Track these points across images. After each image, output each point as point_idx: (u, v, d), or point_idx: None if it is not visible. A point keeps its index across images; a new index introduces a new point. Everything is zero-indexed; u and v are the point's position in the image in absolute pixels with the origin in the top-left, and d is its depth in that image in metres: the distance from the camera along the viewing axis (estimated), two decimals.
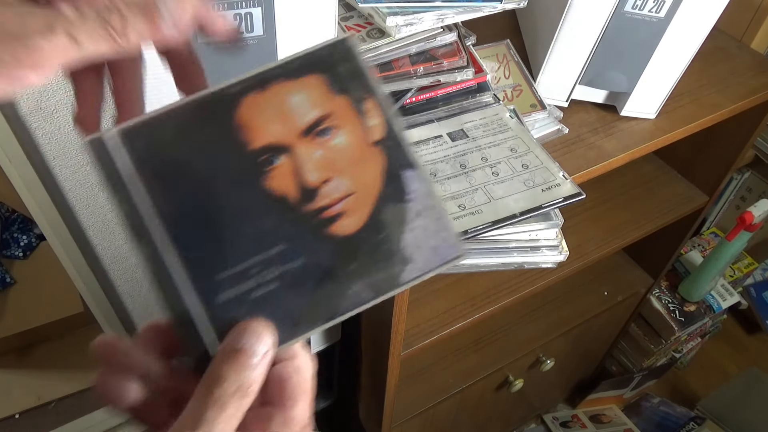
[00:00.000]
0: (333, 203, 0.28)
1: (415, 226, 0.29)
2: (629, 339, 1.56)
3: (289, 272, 0.27)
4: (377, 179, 0.29)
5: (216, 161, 0.27)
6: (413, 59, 0.65)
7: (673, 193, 1.08)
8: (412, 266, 0.28)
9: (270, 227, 0.27)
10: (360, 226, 0.28)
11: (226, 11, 0.43)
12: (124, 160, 0.28)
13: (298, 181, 0.27)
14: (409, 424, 1.07)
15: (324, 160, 0.28)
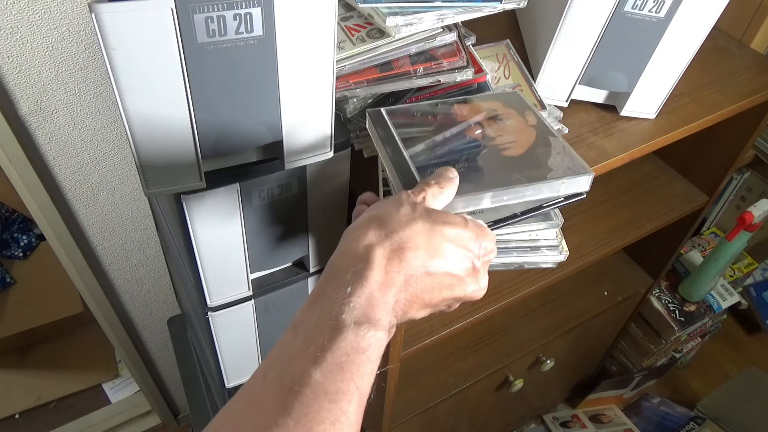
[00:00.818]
0: (503, 143, 0.56)
1: (555, 157, 0.54)
2: (629, 339, 1.56)
3: (474, 165, 0.53)
4: (531, 138, 0.56)
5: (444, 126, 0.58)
6: (413, 59, 0.65)
7: (673, 193, 1.08)
8: (552, 173, 0.52)
9: (465, 149, 0.55)
10: (520, 153, 0.54)
11: (226, 11, 0.43)
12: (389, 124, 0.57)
13: (484, 135, 0.57)
14: (409, 424, 1.07)
15: (498, 128, 0.58)
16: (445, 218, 0.43)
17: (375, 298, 0.38)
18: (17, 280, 1.76)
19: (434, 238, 0.41)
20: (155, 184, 0.52)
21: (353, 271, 0.39)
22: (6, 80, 0.81)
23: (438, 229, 0.42)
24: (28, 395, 1.66)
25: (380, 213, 0.43)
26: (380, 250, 0.40)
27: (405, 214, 0.42)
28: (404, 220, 0.41)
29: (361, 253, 0.40)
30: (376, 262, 0.39)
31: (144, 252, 1.18)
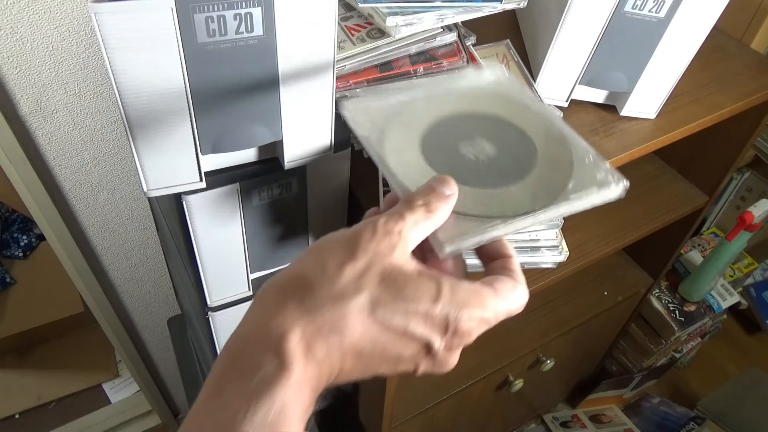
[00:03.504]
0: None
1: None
2: (629, 339, 1.56)
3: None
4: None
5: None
6: (413, 59, 0.65)
7: (673, 193, 1.08)
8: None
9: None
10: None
11: (227, 11, 0.43)
12: None
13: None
14: (409, 424, 1.07)
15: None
16: (403, 291, 0.32)
17: (287, 408, 0.30)
18: (17, 280, 1.76)
19: (376, 321, 0.32)
20: (155, 184, 0.52)
21: (261, 377, 0.30)
22: (6, 80, 0.81)
23: (386, 310, 0.32)
24: (28, 395, 1.66)
25: (309, 270, 0.33)
26: (297, 333, 0.31)
27: (347, 279, 0.32)
28: (344, 287, 0.32)
29: (273, 341, 0.31)
30: (292, 359, 0.30)
31: (144, 252, 1.18)
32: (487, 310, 0.34)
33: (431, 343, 0.33)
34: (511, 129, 0.48)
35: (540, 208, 0.40)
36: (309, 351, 0.31)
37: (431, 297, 0.32)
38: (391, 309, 0.32)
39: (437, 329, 0.33)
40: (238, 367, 0.31)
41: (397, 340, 0.33)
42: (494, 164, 0.45)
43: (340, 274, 0.32)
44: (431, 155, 0.45)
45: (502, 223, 0.40)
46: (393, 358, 0.33)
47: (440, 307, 0.32)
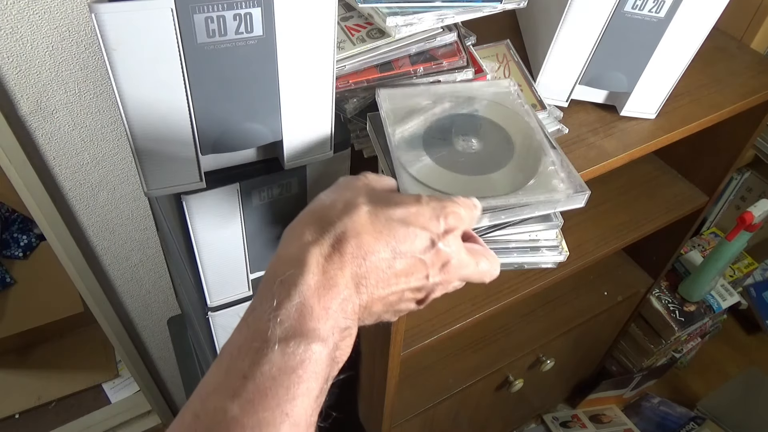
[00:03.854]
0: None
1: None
2: (629, 339, 1.56)
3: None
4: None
5: None
6: (413, 59, 0.65)
7: (673, 193, 1.08)
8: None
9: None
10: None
11: (226, 11, 0.43)
12: None
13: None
14: (409, 424, 1.07)
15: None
16: (391, 198, 0.39)
17: (308, 307, 0.34)
18: (17, 280, 1.76)
19: (379, 220, 0.37)
20: (155, 184, 0.52)
21: (281, 280, 0.34)
22: (6, 80, 0.81)
23: (384, 210, 0.38)
24: (28, 395, 1.66)
25: (317, 206, 0.39)
26: (316, 248, 0.35)
27: (344, 201, 0.38)
28: (343, 207, 0.37)
29: (294, 256, 0.36)
30: (310, 265, 0.35)
31: (144, 252, 1.18)
32: (461, 206, 0.40)
33: (431, 236, 0.38)
34: (500, 132, 0.59)
35: (494, 197, 0.51)
36: (327, 261, 0.35)
37: (415, 198, 0.39)
38: (388, 208, 0.38)
39: (432, 221, 0.38)
40: (264, 288, 0.36)
41: (406, 233, 0.37)
42: (475, 156, 0.56)
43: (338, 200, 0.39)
44: (428, 140, 0.56)
45: None
46: (407, 257, 0.37)
47: (425, 204, 0.39)
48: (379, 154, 0.60)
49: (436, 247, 0.38)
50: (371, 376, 0.91)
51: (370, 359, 0.90)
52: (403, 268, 0.37)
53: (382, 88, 0.61)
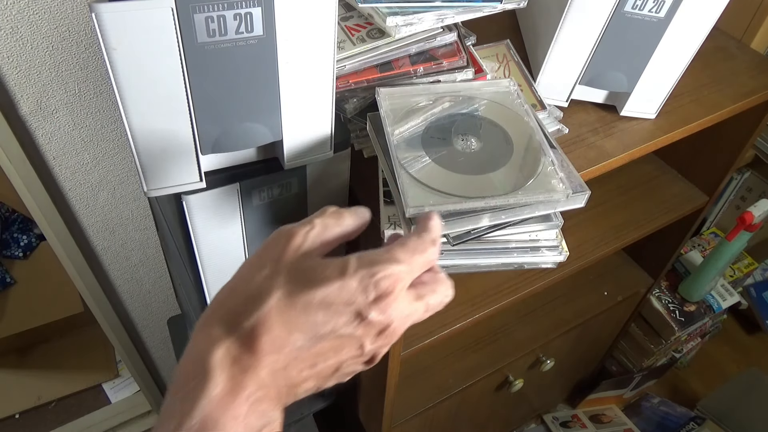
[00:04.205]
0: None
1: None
2: (629, 339, 1.56)
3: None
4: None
5: None
6: (413, 59, 0.65)
7: (673, 193, 1.08)
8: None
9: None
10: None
11: (227, 11, 0.43)
12: None
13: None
14: (409, 424, 1.07)
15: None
16: (314, 272, 0.35)
17: (212, 421, 0.31)
18: (17, 280, 1.76)
19: (294, 308, 0.33)
20: (155, 184, 0.52)
21: (181, 396, 0.32)
22: (6, 80, 0.81)
23: (301, 293, 0.34)
24: (28, 395, 1.66)
25: (228, 294, 0.35)
26: (221, 351, 0.32)
27: (257, 286, 0.34)
28: (255, 296, 0.34)
29: (199, 361, 0.32)
30: (214, 373, 0.31)
31: (144, 252, 1.18)
32: (400, 262, 0.36)
33: (359, 309, 0.34)
34: (500, 132, 0.59)
35: (493, 196, 0.51)
36: (236, 364, 0.32)
37: (340, 270, 0.35)
38: (307, 291, 0.34)
39: (359, 294, 0.34)
40: (171, 395, 0.33)
41: (326, 316, 0.34)
42: (474, 156, 0.56)
43: (252, 282, 0.35)
44: (428, 140, 0.57)
45: (459, 201, 0.51)
46: (331, 338, 0.34)
47: (351, 274, 0.34)
48: (379, 154, 0.60)
49: (366, 320, 0.34)
50: (371, 376, 0.91)
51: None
52: (331, 348, 0.35)
53: (382, 88, 0.61)
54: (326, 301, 0.34)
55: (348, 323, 0.34)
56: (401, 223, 0.55)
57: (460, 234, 0.55)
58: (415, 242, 0.38)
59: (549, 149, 0.56)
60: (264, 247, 0.37)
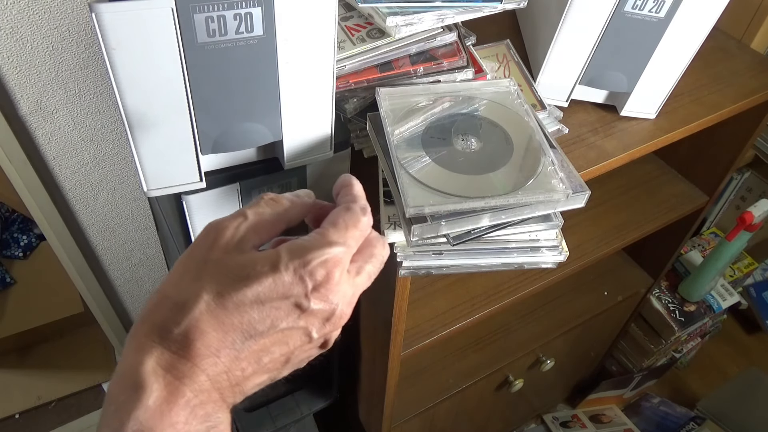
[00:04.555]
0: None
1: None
2: (629, 339, 1.56)
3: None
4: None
5: None
6: (413, 59, 0.65)
7: (673, 193, 1.08)
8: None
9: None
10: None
11: (227, 11, 0.43)
12: None
13: None
14: (409, 424, 1.07)
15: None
16: (244, 269, 0.32)
17: (149, 428, 0.29)
18: (17, 280, 1.76)
19: (226, 309, 0.31)
20: (155, 184, 0.52)
21: (114, 409, 0.30)
22: (6, 80, 0.81)
23: (232, 293, 0.32)
24: (28, 395, 1.66)
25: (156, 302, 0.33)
26: (153, 361, 0.31)
27: (186, 289, 0.32)
28: (183, 301, 0.32)
29: (130, 373, 0.31)
30: (147, 383, 0.30)
31: (144, 252, 1.18)
32: (334, 244, 0.34)
33: (297, 302, 0.33)
34: (500, 132, 0.59)
35: (493, 196, 0.51)
36: (170, 372, 0.31)
37: (271, 263, 0.33)
38: (237, 290, 0.32)
39: (295, 286, 0.32)
40: (104, 410, 0.31)
41: (262, 313, 0.32)
42: (474, 156, 0.56)
43: (180, 288, 0.33)
44: (428, 140, 0.57)
45: (459, 201, 0.51)
46: (272, 333, 0.33)
47: (284, 267, 0.32)
48: (379, 154, 0.60)
49: (307, 311, 0.33)
50: (371, 376, 0.91)
51: (370, 359, 0.90)
52: (274, 342, 0.33)
53: (382, 88, 0.61)
54: (260, 298, 0.32)
55: (287, 316, 0.33)
56: (401, 223, 0.55)
57: (460, 234, 0.55)
58: (345, 217, 0.36)
59: (549, 149, 0.56)
60: (194, 245, 0.35)
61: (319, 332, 0.34)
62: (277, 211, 0.37)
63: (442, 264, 0.62)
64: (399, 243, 0.59)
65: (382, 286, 0.67)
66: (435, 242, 0.58)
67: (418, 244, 0.58)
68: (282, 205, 0.37)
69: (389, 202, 0.59)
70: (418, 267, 0.61)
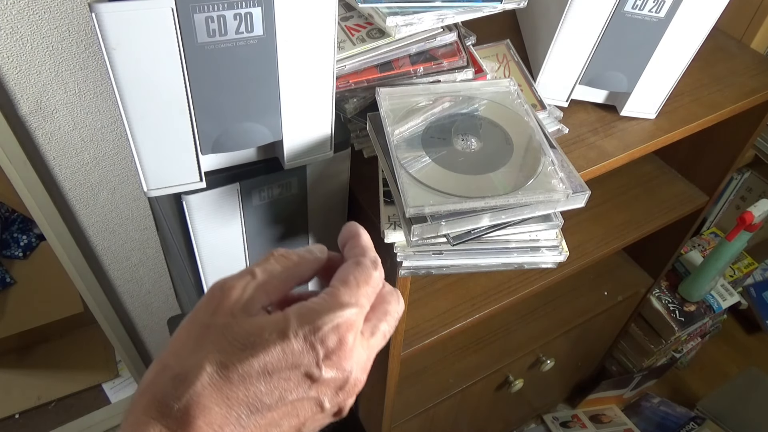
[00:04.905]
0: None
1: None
2: (629, 339, 1.56)
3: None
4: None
5: None
6: (413, 59, 0.65)
7: (673, 193, 1.08)
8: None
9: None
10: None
11: (227, 11, 0.43)
12: None
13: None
14: (409, 424, 1.07)
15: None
16: (250, 337, 0.30)
17: None
18: (17, 280, 1.76)
19: (231, 382, 0.29)
20: (155, 184, 0.52)
21: None
22: (6, 80, 0.81)
23: (238, 363, 0.29)
24: (28, 395, 1.65)
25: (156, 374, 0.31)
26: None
27: (187, 359, 0.30)
28: (186, 373, 0.29)
29: None
30: None
31: (144, 252, 1.18)
32: (346, 306, 0.32)
33: (308, 372, 0.30)
34: (500, 132, 0.59)
35: (493, 196, 0.51)
36: None
37: (279, 331, 0.30)
38: (243, 360, 0.29)
39: (305, 355, 0.30)
40: None
41: (270, 385, 0.30)
42: (474, 156, 0.56)
43: (181, 358, 0.30)
44: (428, 140, 0.57)
45: (459, 201, 0.51)
46: (281, 405, 0.30)
47: (293, 335, 0.30)
48: (379, 154, 0.60)
49: (319, 380, 0.31)
50: (371, 376, 0.91)
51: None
52: (283, 415, 0.31)
53: (382, 88, 0.61)
54: (267, 369, 0.29)
55: (297, 387, 0.30)
56: (401, 223, 0.55)
57: (460, 234, 0.55)
58: (356, 273, 0.34)
59: (549, 149, 0.56)
60: (198, 307, 0.32)
61: (332, 402, 0.32)
62: (287, 268, 0.35)
63: (442, 264, 0.62)
64: (399, 243, 0.59)
65: None
66: (435, 242, 0.58)
67: (418, 244, 0.58)
68: (292, 261, 0.35)
69: (389, 202, 0.59)
70: (418, 267, 0.61)
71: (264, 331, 0.30)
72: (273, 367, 0.30)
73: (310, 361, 0.30)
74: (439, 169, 0.54)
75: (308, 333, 0.30)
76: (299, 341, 0.30)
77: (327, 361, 0.31)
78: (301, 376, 0.30)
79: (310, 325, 0.30)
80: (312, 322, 0.31)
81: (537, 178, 0.54)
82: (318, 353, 0.30)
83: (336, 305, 0.32)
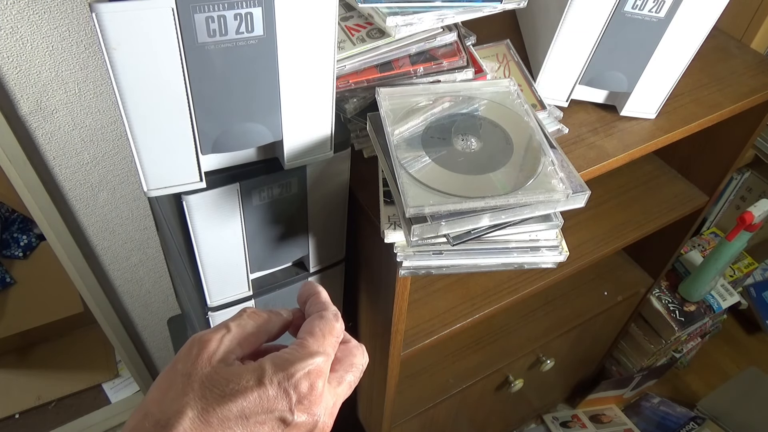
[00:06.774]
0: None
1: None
2: (629, 339, 1.56)
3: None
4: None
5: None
6: (413, 59, 0.65)
7: (673, 193, 1.08)
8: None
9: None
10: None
11: (227, 11, 0.43)
12: None
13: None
14: (409, 424, 1.07)
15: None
16: (228, 384, 0.32)
17: None
18: (17, 280, 1.76)
19: (210, 425, 0.31)
20: (155, 184, 0.52)
21: None
22: (6, 80, 0.81)
23: (217, 408, 0.32)
24: (28, 395, 1.66)
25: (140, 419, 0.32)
26: None
27: (169, 406, 0.32)
28: (169, 415, 0.31)
29: None
30: None
31: (144, 252, 1.18)
32: (315, 354, 0.35)
33: (282, 416, 0.33)
34: (500, 132, 0.59)
35: (493, 196, 0.51)
36: None
37: (256, 378, 0.33)
38: (222, 405, 0.32)
39: (279, 401, 0.33)
40: None
41: (246, 428, 0.32)
42: (474, 156, 0.56)
43: (163, 405, 0.32)
44: (428, 140, 0.57)
45: (459, 201, 0.51)
46: None
47: (268, 381, 0.33)
48: (379, 154, 0.60)
49: (291, 424, 0.33)
50: (371, 376, 0.91)
51: (370, 359, 0.89)
52: None
53: (382, 88, 0.61)
54: (244, 413, 0.32)
55: (271, 430, 0.33)
56: (401, 223, 0.55)
57: (460, 234, 0.55)
58: (321, 325, 0.37)
59: (549, 149, 0.56)
60: (177, 358, 0.35)
61: None
62: (259, 324, 0.38)
63: (442, 264, 0.62)
64: (399, 243, 0.59)
65: (382, 286, 0.67)
66: (435, 242, 0.58)
67: (418, 244, 0.58)
68: (263, 318, 0.38)
69: (389, 202, 0.59)
70: (418, 267, 0.61)
71: (242, 378, 0.33)
72: (250, 411, 0.32)
73: (284, 406, 0.33)
74: (439, 169, 0.54)
75: (282, 379, 0.33)
76: (274, 387, 0.33)
77: (299, 406, 0.33)
78: (276, 420, 0.33)
79: (284, 372, 0.33)
80: (285, 370, 0.34)
81: (537, 178, 0.54)
82: (291, 398, 0.33)
83: (306, 354, 0.35)
